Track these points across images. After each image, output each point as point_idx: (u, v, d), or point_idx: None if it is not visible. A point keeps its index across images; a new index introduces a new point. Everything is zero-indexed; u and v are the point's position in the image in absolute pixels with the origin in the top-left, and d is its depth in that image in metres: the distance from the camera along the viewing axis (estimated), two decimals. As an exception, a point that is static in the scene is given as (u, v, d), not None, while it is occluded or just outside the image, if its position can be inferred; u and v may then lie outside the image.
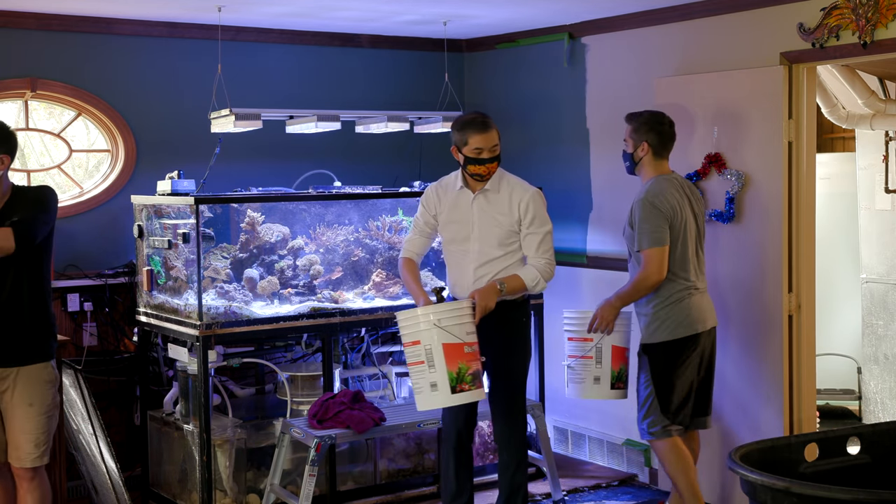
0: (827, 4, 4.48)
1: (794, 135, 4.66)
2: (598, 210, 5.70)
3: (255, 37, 5.68)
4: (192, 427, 4.74)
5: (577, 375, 4.52)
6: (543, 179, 5.87)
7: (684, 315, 4.29)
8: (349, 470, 5.06)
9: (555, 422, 5.93)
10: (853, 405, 6.29)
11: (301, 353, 5.31)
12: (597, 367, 4.48)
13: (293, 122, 5.27)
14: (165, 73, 5.48)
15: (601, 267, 5.65)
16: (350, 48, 6.03)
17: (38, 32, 5.12)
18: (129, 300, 5.27)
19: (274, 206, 5.09)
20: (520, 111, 6.16)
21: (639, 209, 4.28)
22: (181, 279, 4.89)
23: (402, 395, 5.61)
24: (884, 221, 6.01)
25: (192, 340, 4.65)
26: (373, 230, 5.34)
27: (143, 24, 5.36)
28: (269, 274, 5.00)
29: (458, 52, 6.41)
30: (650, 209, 4.25)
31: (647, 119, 4.41)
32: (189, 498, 4.84)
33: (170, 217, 4.91)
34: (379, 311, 5.05)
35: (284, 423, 4.66)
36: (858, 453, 3.92)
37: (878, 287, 6.04)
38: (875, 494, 3.20)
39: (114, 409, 5.29)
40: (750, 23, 4.83)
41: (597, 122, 5.71)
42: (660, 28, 5.28)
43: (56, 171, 5.48)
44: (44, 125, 5.58)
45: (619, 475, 5.51)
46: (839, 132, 6.58)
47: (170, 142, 5.47)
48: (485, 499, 5.16)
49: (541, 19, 5.65)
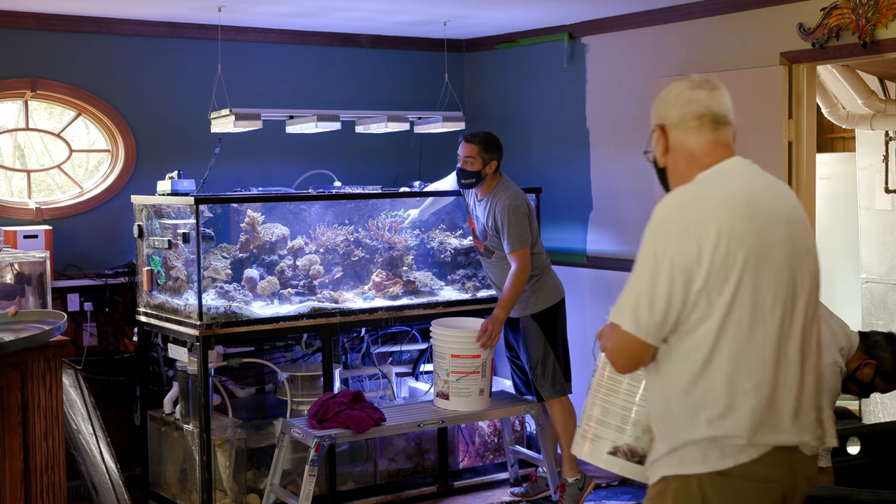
0: (827, 4, 4.48)
1: (794, 135, 4.66)
2: (598, 210, 5.70)
3: (255, 37, 5.68)
4: (192, 427, 4.74)
5: (465, 389, 4.82)
6: (543, 179, 5.87)
7: (554, 283, 4.97)
8: (349, 470, 5.06)
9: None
10: (853, 405, 6.28)
11: (301, 353, 5.31)
12: (482, 380, 4.84)
13: (293, 122, 5.27)
14: (165, 73, 5.48)
15: (601, 267, 5.65)
16: (350, 48, 6.03)
17: (38, 32, 5.12)
18: (129, 300, 5.26)
19: (274, 206, 5.08)
20: (520, 111, 6.16)
21: (503, 215, 4.78)
22: (181, 279, 4.89)
23: (402, 395, 5.61)
24: (884, 221, 6.01)
25: (192, 340, 4.64)
26: (373, 230, 5.34)
27: (143, 24, 5.36)
28: (269, 274, 5.00)
29: (458, 52, 6.41)
30: (514, 212, 4.79)
31: (491, 139, 4.91)
32: (189, 498, 4.84)
33: (170, 217, 4.91)
34: (379, 311, 5.05)
35: (284, 423, 4.66)
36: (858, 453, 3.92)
37: (878, 287, 6.04)
38: (875, 494, 3.19)
39: (114, 409, 5.29)
40: (750, 23, 4.83)
41: (597, 122, 5.71)
42: (660, 28, 5.28)
43: (56, 171, 5.48)
44: (44, 125, 5.59)
45: (619, 475, 5.50)
46: (839, 132, 6.58)
47: (170, 142, 5.47)
48: (485, 499, 5.16)
49: (541, 19, 5.65)
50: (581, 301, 5.62)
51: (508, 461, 5.33)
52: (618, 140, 5.58)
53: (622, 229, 5.56)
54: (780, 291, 2.28)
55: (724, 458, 2.25)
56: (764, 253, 2.26)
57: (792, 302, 2.30)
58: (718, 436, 2.25)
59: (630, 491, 5.31)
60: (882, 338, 3.81)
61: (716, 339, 2.25)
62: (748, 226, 2.27)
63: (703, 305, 2.24)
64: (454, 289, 5.42)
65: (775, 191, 2.40)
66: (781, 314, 2.28)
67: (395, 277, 5.26)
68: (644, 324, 2.27)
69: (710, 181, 2.37)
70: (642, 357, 2.32)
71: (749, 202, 2.30)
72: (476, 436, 5.42)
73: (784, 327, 2.29)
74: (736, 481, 2.26)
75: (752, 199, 2.31)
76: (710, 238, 2.23)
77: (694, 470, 2.28)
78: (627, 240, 5.51)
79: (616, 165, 5.58)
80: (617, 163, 5.58)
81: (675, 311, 2.25)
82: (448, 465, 5.23)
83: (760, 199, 2.33)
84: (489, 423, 5.42)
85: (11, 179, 5.43)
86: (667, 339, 2.30)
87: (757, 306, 2.26)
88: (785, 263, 2.30)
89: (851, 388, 3.80)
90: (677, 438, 2.30)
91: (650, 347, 2.29)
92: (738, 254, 2.23)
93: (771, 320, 2.27)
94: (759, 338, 2.26)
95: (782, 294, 2.28)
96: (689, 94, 2.41)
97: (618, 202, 5.59)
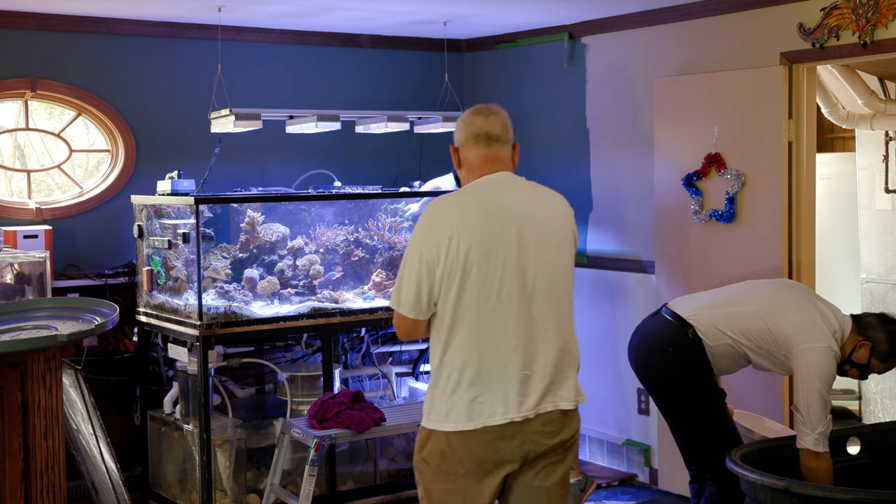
0: (827, 4, 4.48)
1: (794, 135, 4.66)
2: (598, 210, 5.70)
3: (255, 37, 5.68)
4: (192, 427, 4.74)
5: None
6: (543, 179, 5.87)
7: None
8: (349, 470, 5.06)
9: (555, 422, 5.93)
10: (853, 405, 6.29)
11: (301, 353, 5.31)
12: None
13: (293, 122, 5.27)
14: (165, 73, 5.48)
15: (601, 267, 5.65)
16: (350, 48, 6.03)
17: (38, 32, 5.12)
18: (129, 300, 5.27)
19: (274, 206, 5.08)
20: (520, 111, 6.15)
21: None
22: (181, 279, 4.89)
23: (403, 395, 5.61)
24: (884, 221, 6.01)
25: (192, 340, 4.65)
26: (373, 230, 5.34)
27: (143, 24, 5.36)
28: (269, 274, 5.00)
29: (458, 52, 6.41)
30: None
31: None
32: (189, 498, 4.84)
33: (170, 217, 4.91)
34: (379, 311, 5.05)
35: (284, 423, 4.66)
36: (858, 453, 3.92)
37: (878, 287, 6.04)
38: (875, 494, 3.19)
39: (114, 409, 5.29)
40: (750, 23, 4.83)
41: (597, 122, 5.71)
42: (660, 28, 5.28)
43: (56, 171, 5.48)
44: (44, 125, 5.59)
45: (619, 475, 5.51)
46: (839, 132, 6.58)
47: (170, 142, 5.47)
48: (485, 499, 5.15)
49: (541, 19, 5.65)
50: (581, 301, 5.62)
51: (508, 461, 5.32)
52: (618, 140, 5.58)
53: (622, 229, 5.55)
54: (508, 279, 2.81)
55: (471, 420, 2.78)
56: (491, 249, 2.80)
57: (520, 288, 2.82)
58: (469, 399, 2.80)
59: (630, 491, 5.32)
60: (874, 318, 3.83)
61: (453, 315, 2.81)
62: (477, 226, 2.81)
63: (444, 289, 2.80)
64: (454, 289, 5.42)
65: (520, 198, 2.92)
66: (509, 297, 2.81)
67: (395, 277, 5.25)
68: (403, 302, 2.84)
69: (472, 189, 2.94)
70: (411, 328, 2.88)
71: (483, 208, 2.85)
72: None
73: (514, 308, 2.81)
74: (480, 434, 2.79)
75: (487, 206, 2.85)
76: (445, 236, 2.79)
77: (442, 427, 2.81)
78: (627, 240, 5.51)
79: (616, 165, 5.59)
80: (617, 163, 5.58)
81: (425, 293, 2.81)
82: (448, 465, 5.23)
83: (496, 205, 2.86)
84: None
85: (11, 179, 5.43)
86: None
87: (487, 291, 2.80)
88: (515, 257, 2.83)
89: (849, 372, 3.81)
90: (433, 398, 2.86)
91: (416, 321, 2.86)
92: (467, 249, 2.78)
93: (499, 302, 2.81)
94: (489, 316, 2.80)
95: (509, 281, 2.81)
96: (469, 119, 2.98)
97: (618, 202, 5.59)
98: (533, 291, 2.85)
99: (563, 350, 2.90)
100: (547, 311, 2.87)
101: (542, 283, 2.86)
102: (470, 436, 2.79)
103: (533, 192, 3.00)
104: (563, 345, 2.90)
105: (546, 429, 2.84)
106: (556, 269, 2.91)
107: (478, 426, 2.79)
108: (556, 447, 2.87)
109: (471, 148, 2.97)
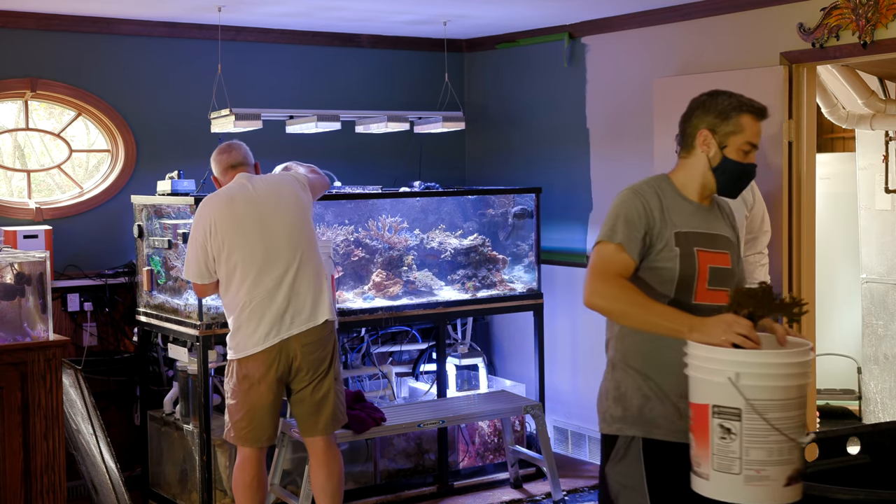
0: (827, 4, 4.48)
1: (794, 135, 4.66)
2: (598, 210, 5.70)
3: (255, 37, 5.68)
4: (192, 427, 4.74)
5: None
6: (543, 179, 5.88)
7: None
8: (349, 470, 5.06)
9: (555, 422, 5.93)
10: (853, 405, 6.29)
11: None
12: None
13: (293, 122, 5.27)
14: (165, 73, 5.48)
15: (601, 267, 5.64)
16: (350, 48, 6.03)
17: (38, 32, 5.12)
18: (129, 300, 5.27)
19: (274, 206, 5.07)
20: (520, 111, 6.16)
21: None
22: (181, 279, 4.89)
23: (403, 395, 5.61)
24: (884, 221, 6.01)
25: (192, 340, 4.65)
26: (373, 230, 5.34)
27: (143, 24, 5.36)
28: (269, 274, 4.99)
29: (458, 52, 6.40)
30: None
31: None
32: (189, 498, 4.84)
33: (170, 217, 4.92)
34: (379, 311, 5.05)
35: (284, 423, 4.66)
36: (858, 453, 3.92)
37: (878, 287, 6.04)
38: (875, 494, 3.19)
39: (114, 409, 5.29)
40: (750, 23, 4.83)
41: (597, 122, 5.71)
42: (660, 28, 5.28)
43: (56, 171, 5.48)
44: (44, 125, 5.59)
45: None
46: (839, 132, 6.59)
47: (170, 142, 5.47)
48: (484, 499, 5.16)
49: (541, 19, 5.65)
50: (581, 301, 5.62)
51: (508, 461, 5.33)
52: (618, 140, 5.58)
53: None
54: (258, 250, 4.00)
55: (245, 349, 4.01)
56: (237, 228, 4.01)
57: (267, 256, 4.00)
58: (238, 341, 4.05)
59: (630, 491, 5.31)
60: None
61: (227, 280, 4.04)
62: (226, 213, 4.03)
63: (218, 262, 4.03)
64: (454, 289, 5.42)
65: (252, 189, 4.11)
66: (262, 263, 3.99)
67: (395, 277, 5.26)
68: (191, 275, 4.11)
69: (222, 191, 4.15)
70: (202, 290, 4.18)
71: (229, 199, 4.07)
72: (476, 436, 5.43)
73: (268, 270, 3.99)
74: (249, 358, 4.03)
75: (231, 197, 4.07)
76: (208, 223, 4.02)
77: (235, 356, 4.06)
78: (627, 240, 5.50)
79: (616, 165, 5.58)
80: (617, 162, 5.58)
81: (210, 264, 4.04)
82: (448, 465, 5.24)
83: (237, 196, 4.07)
84: (489, 423, 5.42)
85: (11, 179, 5.43)
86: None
87: (243, 259, 3.99)
88: (258, 233, 4.02)
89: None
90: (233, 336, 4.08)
91: (201, 286, 4.13)
92: (223, 231, 4.01)
93: (256, 267, 3.99)
94: (251, 277, 3.99)
95: (260, 252, 4.00)
96: (219, 158, 4.26)
97: (618, 202, 5.58)
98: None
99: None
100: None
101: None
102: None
103: (268, 185, 4.23)
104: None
105: None
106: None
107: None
108: None
109: (223, 175, 4.26)
